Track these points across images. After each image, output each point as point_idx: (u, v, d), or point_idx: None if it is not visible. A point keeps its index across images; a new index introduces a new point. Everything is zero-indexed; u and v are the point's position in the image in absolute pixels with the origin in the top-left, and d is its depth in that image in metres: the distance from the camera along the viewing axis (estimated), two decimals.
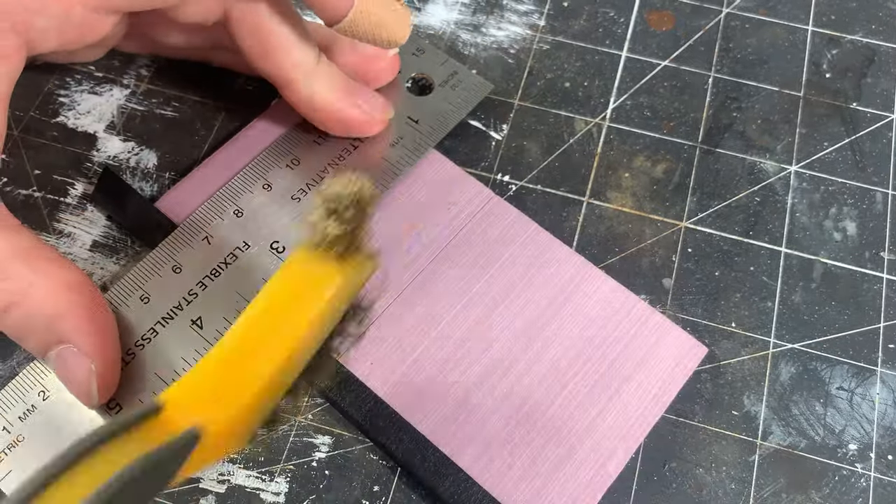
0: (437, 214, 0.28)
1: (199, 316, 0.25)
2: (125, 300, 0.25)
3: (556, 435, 0.24)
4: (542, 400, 0.25)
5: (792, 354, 0.27)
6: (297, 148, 0.28)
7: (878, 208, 0.29)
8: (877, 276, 0.28)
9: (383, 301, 0.26)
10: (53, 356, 0.22)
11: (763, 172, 0.30)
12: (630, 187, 0.30)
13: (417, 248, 0.27)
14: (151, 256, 0.26)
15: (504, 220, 0.28)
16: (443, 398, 0.25)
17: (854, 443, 0.25)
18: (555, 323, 0.26)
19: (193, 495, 0.24)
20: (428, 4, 0.33)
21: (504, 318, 0.26)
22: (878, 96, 0.32)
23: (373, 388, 0.25)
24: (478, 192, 0.28)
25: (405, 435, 0.24)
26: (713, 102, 0.31)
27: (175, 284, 0.25)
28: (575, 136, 0.31)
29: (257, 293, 0.19)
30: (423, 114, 0.29)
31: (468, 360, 0.26)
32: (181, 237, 0.26)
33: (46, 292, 0.22)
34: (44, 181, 0.29)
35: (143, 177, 0.29)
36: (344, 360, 0.25)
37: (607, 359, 0.25)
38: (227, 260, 0.26)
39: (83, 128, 0.30)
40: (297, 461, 0.25)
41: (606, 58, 0.32)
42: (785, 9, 0.34)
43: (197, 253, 0.26)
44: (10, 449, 0.23)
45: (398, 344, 0.26)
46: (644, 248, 0.28)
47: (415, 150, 0.28)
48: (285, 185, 0.27)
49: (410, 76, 0.30)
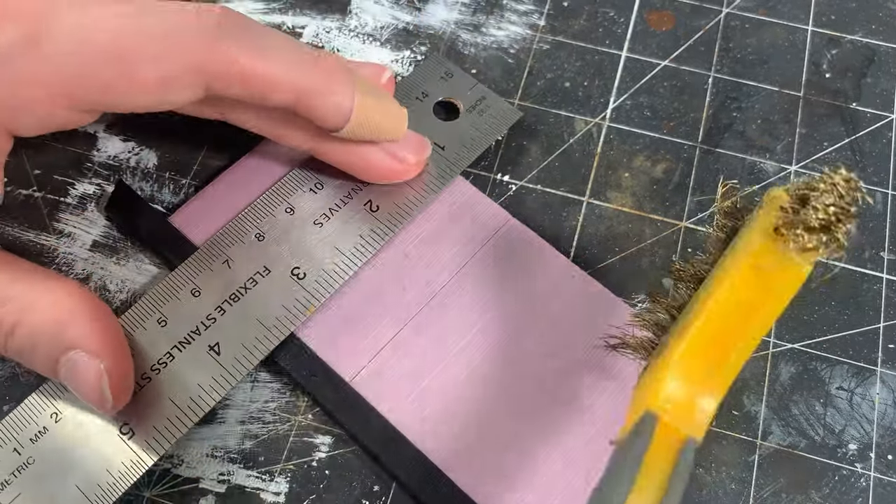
0: (453, 236, 0.27)
1: (216, 342, 0.24)
2: (142, 323, 0.25)
3: (573, 463, 0.24)
4: (562, 427, 0.24)
5: (792, 354, 0.27)
6: (321, 172, 0.28)
7: (878, 208, 0.29)
8: (877, 276, 0.28)
9: (395, 325, 0.26)
10: (63, 366, 0.22)
11: (763, 172, 0.30)
12: (630, 187, 0.30)
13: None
14: (170, 279, 0.26)
15: (521, 243, 0.27)
16: (455, 425, 0.24)
17: (854, 443, 0.25)
18: (574, 350, 0.26)
19: (193, 495, 0.24)
20: (428, 4, 0.33)
21: (521, 343, 0.26)
22: (878, 96, 0.32)
23: (382, 412, 0.25)
24: (494, 213, 0.28)
25: (416, 464, 0.24)
26: (713, 102, 0.31)
27: (193, 308, 0.25)
28: (575, 136, 0.31)
29: (725, 264, 0.19)
30: (450, 140, 0.29)
31: (484, 387, 0.25)
32: (201, 260, 0.26)
33: (47, 304, 0.22)
34: (44, 181, 0.29)
35: (143, 177, 0.29)
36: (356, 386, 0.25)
37: (627, 388, 0.25)
38: (247, 285, 0.25)
39: (83, 128, 0.30)
40: (297, 461, 0.25)
41: (606, 58, 0.32)
42: (785, 9, 0.34)
43: (216, 277, 0.26)
44: (19, 471, 0.23)
45: (410, 370, 0.25)
46: (644, 248, 0.28)
47: (440, 178, 0.28)
48: (308, 210, 0.27)
49: (437, 100, 0.30)
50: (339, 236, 0.26)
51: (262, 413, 0.26)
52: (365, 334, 0.26)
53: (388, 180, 0.27)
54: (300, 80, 0.23)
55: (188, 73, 0.23)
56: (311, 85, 0.23)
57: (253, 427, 0.25)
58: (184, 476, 0.25)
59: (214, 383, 0.24)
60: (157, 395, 0.24)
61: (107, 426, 0.23)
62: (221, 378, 0.24)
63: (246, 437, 0.25)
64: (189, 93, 0.23)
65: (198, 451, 0.25)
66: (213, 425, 0.25)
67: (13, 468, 0.23)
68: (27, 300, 0.22)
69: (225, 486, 0.25)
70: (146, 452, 0.23)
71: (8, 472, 0.22)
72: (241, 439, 0.25)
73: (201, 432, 0.25)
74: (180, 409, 0.23)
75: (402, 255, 0.27)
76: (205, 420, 0.25)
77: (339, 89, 0.24)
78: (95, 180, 0.29)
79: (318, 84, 0.23)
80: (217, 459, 0.25)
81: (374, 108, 0.24)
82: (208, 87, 0.23)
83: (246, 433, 0.25)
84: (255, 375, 0.26)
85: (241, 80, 0.23)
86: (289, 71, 0.23)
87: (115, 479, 0.22)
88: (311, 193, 0.27)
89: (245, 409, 0.26)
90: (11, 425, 0.23)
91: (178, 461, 0.25)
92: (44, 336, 0.22)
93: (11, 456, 0.23)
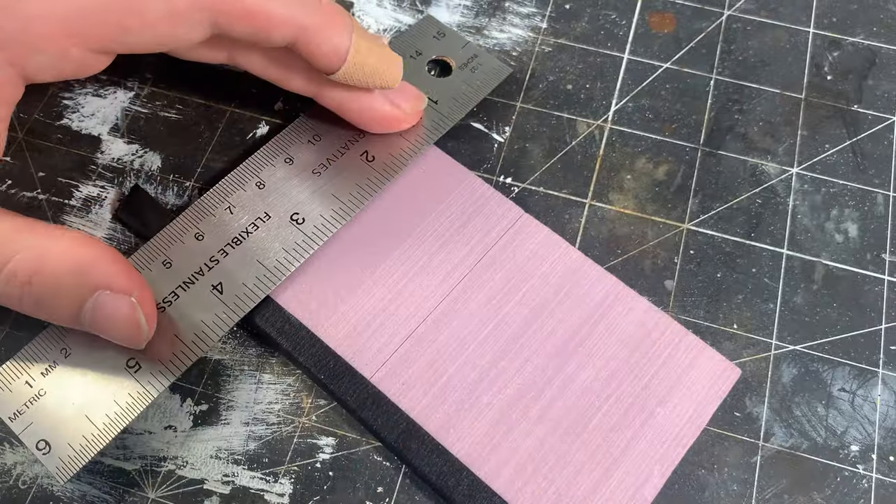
0: (465, 233, 0.28)
1: (219, 281, 0.26)
2: (148, 264, 0.26)
3: (591, 458, 0.24)
4: (577, 422, 0.25)
5: (794, 356, 0.27)
6: (320, 125, 0.29)
7: (880, 210, 0.29)
8: (878, 278, 0.28)
9: (414, 321, 0.26)
10: (89, 309, 0.22)
11: (764, 174, 0.30)
12: (632, 189, 0.30)
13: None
14: (175, 224, 0.27)
15: (534, 238, 0.28)
16: (476, 420, 0.25)
17: (856, 444, 0.25)
18: (588, 343, 0.26)
19: (198, 496, 0.24)
20: (430, 7, 0.33)
21: (536, 338, 0.26)
22: (880, 98, 0.32)
23: (405, 409, 0.25)
24: (508, 209, 0.28)
25: (439, 458, 0.24)
26: (715, 104, 0.31)
27: (197, 251, 0.26)
28: (577, 139, 0.31)
29: None
30: (443, 95, 0.30)
31: (501, 381, 0.25)
32: (204, 206, 0.27)
33: (64, 250, 0.22)
34: (48, 183, 0.29)
35: (147, 179, 0.29)
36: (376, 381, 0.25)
37: (641, 380, 0.25)
38: (249, 229, 0.27)
39: (87, 130, 0.30)
40: (300, 462, 0.25)
41: (608, 60, 0.32)
42: (786, 11, 0.34)
43: (219, 221, 0.27)
44: (31, 402, 0.23)
45: (430, 365, 0.25)
46: (646, 250, 0.28)
47: (433, 130, 0.29)
48: (306, 160, 0.28)
49: (431, 58, 0.31)
50: (337, 185, 0.27)
51: (266, 415, 0.26)
52: (384, 331, 0.26)
53: (385, 129, 0.28)
54: (301, 18, 0.25)
55: (195, 9, 0.24)
56: (310, 23, 0.25)
57: (257, 429, 0.25)
58: (188, 477, 0.25)
59: (218, 320, 0.25)
60: (163, 332, 0.25)
61: (115, 361, 0.24)
62: (224, 315, 0.25)
63: (250, 438, 0.25)
64: (197, 30, 0.25)
65: (202, 452, 0.25)
66: (217, 427, 0.25)
67: (25, 399, 0.23)
68: (41, 248, 0.22)
69: (229, 487, 0.25)
70: (152, 385, 0.24)
71: (20, 404, 0.23)
72: (246, 441, 0.25)
73: (206, 433, 0.25)
74: (185, 345, 0.24)
75: (417, 250, 0.27)
76: (209, 421, 0.26)
77: (337, 30, 0.25)
78: (100, 183, 0.29)
79: (317, 23, 0.25)
80: (221, 461, 0.25)
81: (369, 52, 0.26)
82: (214, 23, 0.25)
83: (250, 435, 0.25)
84: (259, 378, 0.26)
85: (245, 15, 0.24)
86: (290, 8, 0.24)
87: (122, 409, 0.23)
88: (309, 145, 0.28)
89: (249, 410, 0.26)
90: (24, 359, 0.24)
91: (183, 462, 0.25)
92: (67, 280, 0.22)
93: (24, 388, 0.24)
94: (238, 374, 0.26)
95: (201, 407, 0.26)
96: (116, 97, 0.31)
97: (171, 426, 0.26)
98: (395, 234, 0.28)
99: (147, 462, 0.25)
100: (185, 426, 0.26)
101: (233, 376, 0.26)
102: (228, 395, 0.26)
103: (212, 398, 0.26)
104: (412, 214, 0.28)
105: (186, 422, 0.26)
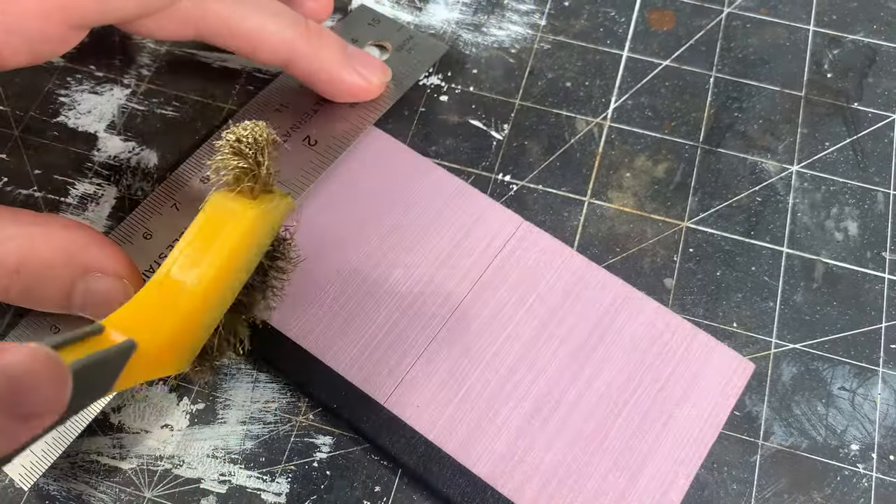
0: (466, 246, 0.27)
1: None
2: (129, 238, 0.26)
3: (615, 466, 0.24)
4: (598, 430, 0.24)
5: (793, 354, 0.27)
6: (265, 113, 0.29)
7: (880, 208, 0.29)
8: (878, 276, 0.28)
9: (423, 340, 0.26)
10: (79, 292, 0.22)
11: (764, 172, 0.30)
12: (631, 187, 0.30)
13: None
14: (152, 197, 0.27)
15: (536, 246, 0.27)
16: (496, 436, 0.24)
17: (856, 443, 0.25)
18: (601, 348, 0.26)
19: (195, 496, 0.24)
20: (429, 4, 0.33)
21: (549, 347, 0.26)
22: (880, 96, 0.32)
23: (422, 431, 0.24)
24: (508, 218, 0.28)
25: (462, 479, 0.24)
26: (714, 102, 0.31)
27: (175, 220, 0.27)
28: (576, 136, 0.31)
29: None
30: None
31: (517, 394, 0.25)
32: (180, 178, 0.28)
33: (52, 236, 0.22)
34: (44, 181, 0.29)
35: (144, 176, 0.29)
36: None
37: (657, 383, 0.25)
38: None
39: (84, 127, 0.30)
40: (298, 461, 0.25)
41: (607, 57, 0.32)
42: (786, 8, 0.34)
43: (194, 191, 0.27)
44: None
45: (443, 385, 0.25)
46: (645, 248, 0.28)
47: (374, 110, 0.30)
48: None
49: (368, 43, 0.31)
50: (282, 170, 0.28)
51: (263, 413, 0.26)
52: (392, 353, 0.26)
53: (352, 98, 0.29)
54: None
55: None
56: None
57: (254, 427, 0.25)
58: (185, 476, 0.25)
59: None
60: None
61: None
62: None
63: (247, 437, 0.25)
64: None
65: (199, 451, 0.25)
66: (214, 426, 0.25)
67: None
68: (28, 236, 0.22)
69: (226, 486, 0.25)
70: None
71: None
72: (242, 440, 0.25)
73: (202, 432, 0.25)
74: None
75: (418, 269, 0.27)
76: (205, 420, 0.25)
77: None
78: (96, 180, 0.29)
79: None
80: (218, 460, 0.25)
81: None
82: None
83: (247, 433, 0.25)
84: (256, 376, 0.26)
85: None
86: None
87: None
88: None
89: (246, 409, 0.26)
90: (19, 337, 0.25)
91: (179, 462, 0.25)
92: (57, 265, 0.22)
93: None
94: (235, 372, 0.26)
95: (198, 406, 0.26)
96: (113, 94, 0.31)
97: (167, 425, 0.25)
98: (401, 251, 0.27)
99: (143, 461, 0.25)
100: (182, 425, 0.25)
101: (229, 375, 0.26)
102: (225, 393, 0.26)
103: (208, 397, 0.26)
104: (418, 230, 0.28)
105: (183, 421, 0.26)
